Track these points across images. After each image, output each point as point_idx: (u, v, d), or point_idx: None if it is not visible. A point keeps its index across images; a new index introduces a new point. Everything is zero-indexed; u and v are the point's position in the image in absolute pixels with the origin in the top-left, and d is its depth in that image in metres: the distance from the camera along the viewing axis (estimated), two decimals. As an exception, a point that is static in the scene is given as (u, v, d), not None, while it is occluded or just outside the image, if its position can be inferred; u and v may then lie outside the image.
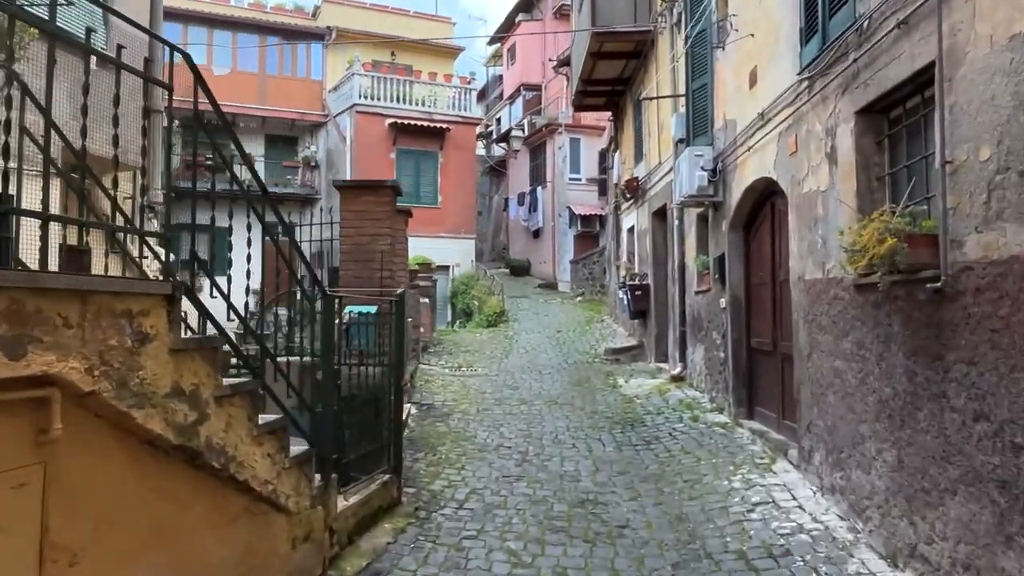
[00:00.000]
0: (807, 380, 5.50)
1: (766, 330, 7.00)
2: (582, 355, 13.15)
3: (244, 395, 3.26)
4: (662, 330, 11.98)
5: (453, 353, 13.79)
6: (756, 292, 7.39)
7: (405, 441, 7.07)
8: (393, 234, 7.12)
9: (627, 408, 8.75)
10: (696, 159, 7.89)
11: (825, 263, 5.12)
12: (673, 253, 10.68)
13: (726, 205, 7.83)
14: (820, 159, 5.21)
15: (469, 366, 12.32)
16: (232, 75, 22.55)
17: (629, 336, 14.23)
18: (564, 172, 26.15)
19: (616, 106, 15.64)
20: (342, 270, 6.82)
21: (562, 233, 25.72)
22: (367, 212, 6.84)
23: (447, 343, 14.89)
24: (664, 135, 11.22)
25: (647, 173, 12.56)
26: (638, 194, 13.11)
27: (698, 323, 9.18)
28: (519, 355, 13.45)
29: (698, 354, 9.25)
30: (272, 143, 24.09)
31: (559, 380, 10.78)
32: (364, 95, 21.69)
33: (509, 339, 15.54)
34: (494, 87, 37.21)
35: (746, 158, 7.07)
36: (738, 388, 7.60)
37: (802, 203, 5.59)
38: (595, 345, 14.00)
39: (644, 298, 12.45)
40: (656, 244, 12.17)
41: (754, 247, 7.46)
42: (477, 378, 11.02)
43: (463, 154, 23.01)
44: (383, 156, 21.83)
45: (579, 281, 22.32)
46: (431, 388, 9.98)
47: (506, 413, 8.65)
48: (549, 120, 26.86)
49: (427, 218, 22.22)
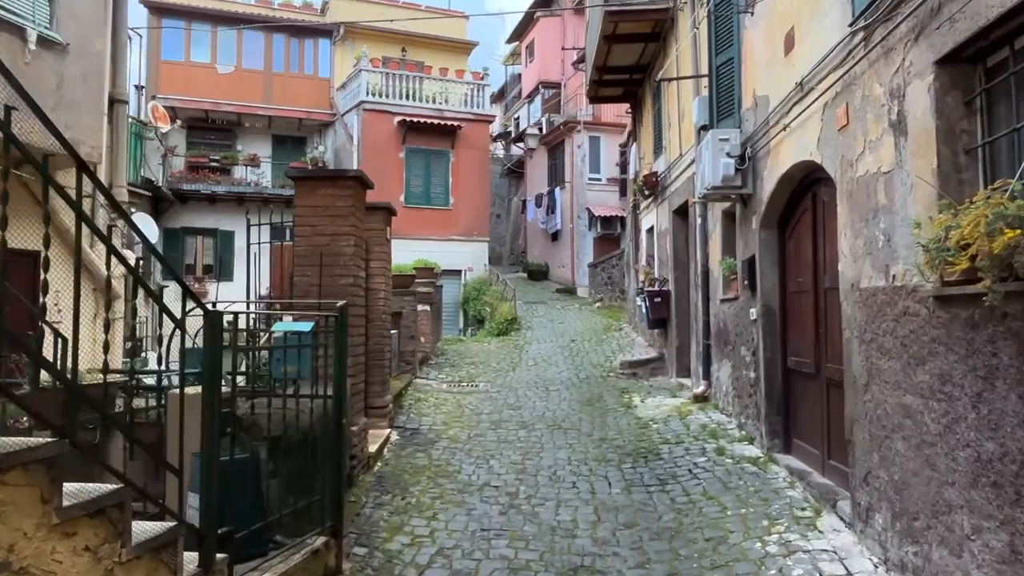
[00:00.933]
0: (864, 418, 4.28)
1: (806, 348, 5.77)
2: (596, 368, 11.95)
3: (30, 467, 2.18)
4: (684, 342, 10.75)
5: (455, 365, 12.69)
6: (793, 302, 6.16)
7: (373, 479, 5.96)
8: (360, 234, 6.03)
9: (641, 435, 7.56)
10: (720, 144, 6.68)
11: (890, 266, 3.91)
12: (696, 256, 9.46)
13: (756, 198, 6.62)
14: (881, 131, 4.00)
15: (470, 381, 11.20)
16: (237, 73, 21.78)
17: (648, 347, 13.00)
18: (583, 172, 24.98)
19: (634, 97, 14.44)
20: (296, 276, 5.76)
21: (581, 236, 24.54)
22: (326, 207, 5.77)
23: (450, 354, 13.79)
24: (685, 123, 10.01)
25: (667, 167, 11.35)
26: (657, 190, 11.90)
27: (724, 336, 7.96)
28: (527, 368, 12.29)
29: (724, 371, 8.02)
30: (279, 144, 23.26)
31: (567, 398, 9.60)
32: (372, 92, 20.75)
33: (519, 349, 14.40)
34: (512, 87, 36.17)
35: (781, 140, 5.86)
36: (771, 415, 6.37)
37: (856, 190, 4.38)
38: (611, 357, 12.79)
39: (664, 306, 11.23)
40: (677, 246, 10.95)
41: (791, 248, 6.23)
42: (476, 395, 9.89)
43: (476, 153, 21.94)
44: (392, 156, 20.86)
45: (597, 286, 21.11)
46: (420, 408, 8.88)
47: (501, 440, 7.50)
48: (567, 118, 25.72)
49: (438, 220, 21.24)
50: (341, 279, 5.77)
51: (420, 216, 20.95)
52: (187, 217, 22.00)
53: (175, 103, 20.89)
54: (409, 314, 10.98)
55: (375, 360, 7.47)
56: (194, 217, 22.06)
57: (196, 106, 21.24)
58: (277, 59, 22.26)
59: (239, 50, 21.84)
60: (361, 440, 5.88)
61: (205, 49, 21.57)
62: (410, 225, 20.77)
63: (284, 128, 23.08)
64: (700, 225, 8.97)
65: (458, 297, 21.14)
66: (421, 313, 12.83)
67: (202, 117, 21.84)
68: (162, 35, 21.13)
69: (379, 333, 7.50)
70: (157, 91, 20.88)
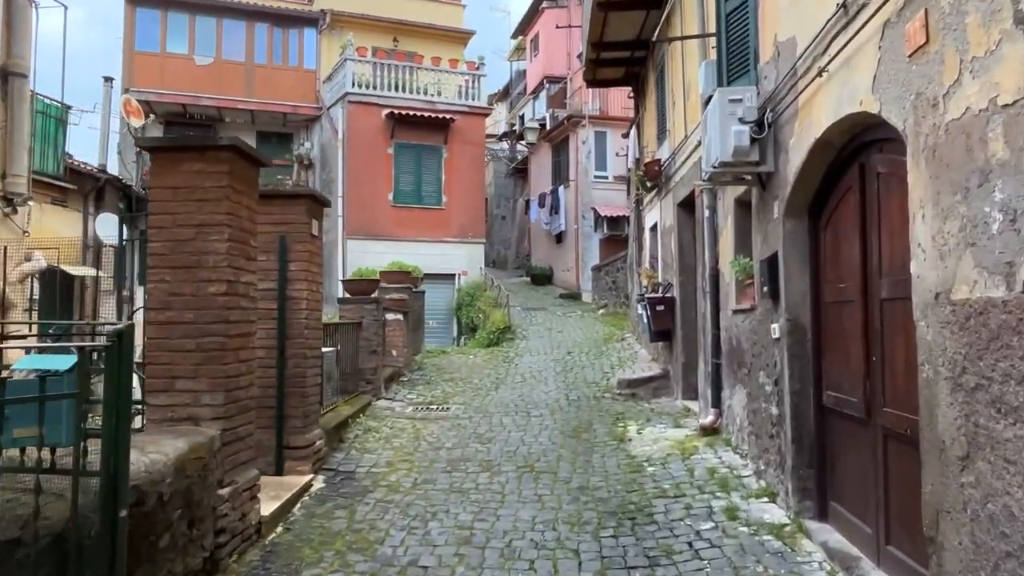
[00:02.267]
0: (962, 510, 2.66)
1: (850, 381, 4.14)
2: (590, 387, 10.33)
3: None
4: (691, 358, 9.11)
5: (431, 383, 11.12)
6: (831, 316, 4.53)
7: (257, 558, 4.40)
8: (243, 225, 4.48)
9: (632, 482, 5.94)
10: (731, 107, 5.06)
11: (1017, 265, 2.29)
12: (704, 256, 7.84)
13: (779, 177, 5.00)
14: (997, 37, 2.39)
15: (442, 402, 9.62)
16: (216, 65, 20.43)
17: (652, 361, 11.36)
18: (588, 169, 23.38)
19: (636, 80, 12.84)
20: (150, 283, 4.21)
21: (586, 237, 22.92)
22: (192, 189, 4.24)
23: (429, 369, 12.23)
24: (692, 99, 8.40)
25: (671, 153, 9.73)
26: (660, 181, 10.28)
27: (737, 356, 6.33)
28: (512, 386, 10.69)
29: (738, 400, 6.39)
30: (264, 140, 21.82)
31: (550, 427, 8.00)
32: (359, 83, 19.29)
33: (507, 363, 12.81)
34: (517, 84, 34.66)
35: (814, 93, 4.25)
36: (801, 468, 4.74)
37: (944, 144, 2.76)
38: (609, 373, 11.16)
39: (668, 315, 9.61)
40: (683, 244, 9.33)
41: (827, 242, 4.61)
42: (442, 423, 8.31)
43: (470, 148, 20.41)
44: (379, 151, 19.38)
45: (601, 291, 19.47)
46: (367, 442, 7.31)
47: (453, 489, 5.92)
48: (572, 112, 24.13)
49: (429, 221, 19.73)
50: (210, 286, 4.22)
51: (410, 216, 19.47)
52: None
53: (150, 97, 19.57)
54: (371, 325, 9.44)
55: (295, 387, 5.94)
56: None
57: (173, 100, 19.90)
58: (259, 50, 20.87)
59: (219, 40, 20.48)
60: (240, 504, 4.32)
61: (182, 39, 20.23)
62: (399, 226, 19.31)
63: (268, 124, 21.70)
64: (708, 218, 7.35)
65: (451, 303, 19.60)
66: (392, 323, 11.30)
67: (180, 112, 20.50)
68: (136, 25, 19.83)
69: (299, 353, 5.95)
70: (131, 84, 19.57)
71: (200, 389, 4.23)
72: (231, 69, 20.51)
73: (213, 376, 4.23)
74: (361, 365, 9.36)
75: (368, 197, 19.09)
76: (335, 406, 7.78)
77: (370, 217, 19.07)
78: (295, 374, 5.92)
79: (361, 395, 9.13)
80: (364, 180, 19.09)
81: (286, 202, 5.98)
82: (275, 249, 5.93)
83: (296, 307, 5.94)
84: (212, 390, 4.23)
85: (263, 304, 5.94)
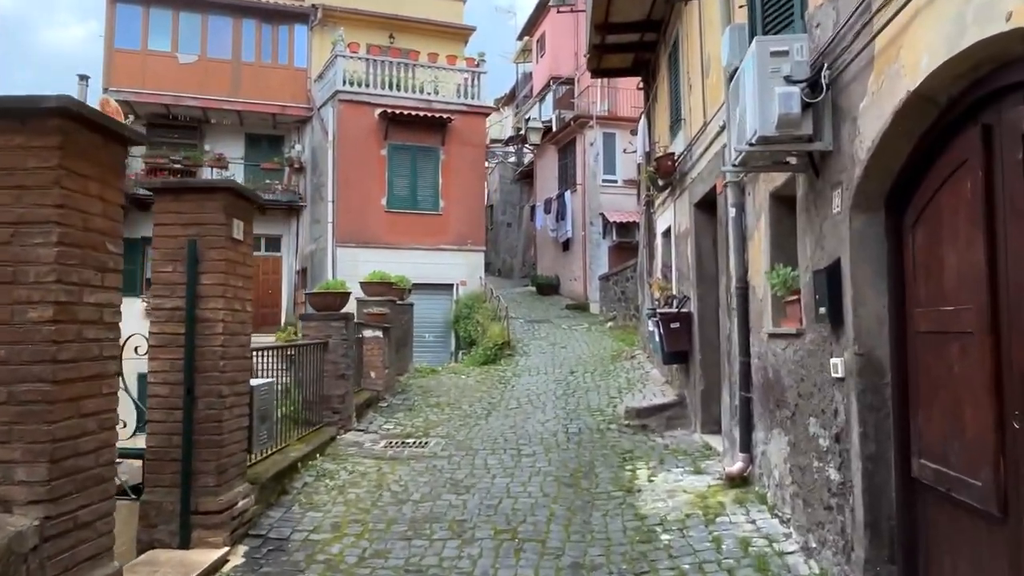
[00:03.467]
0: None
1: (969, 452, 2.78)
2: (594, 416, 8.96)
3: None
4: (712, 385, 7.74)
5: (413, 409, 9.78)
6: (929, 351, 3.16)
7: None
8: (92, 224, 3.18)
9: (642, 559, 4.57)
10: (774, 63, 3.71)
11: None
12: (728, 264, 6.49)
13: (842, 156, 3.64)
14: None
15: (421, 435, 8.28)
16: (201, 63, 19.30)
17: (665, 384, 9.98)
18: (597, 173, 22.08)
19: (646, 68, 11.51)
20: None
21: (594, 244, 21.60)
22: (8, 173, 2.98)
23: (414, 391, 10.89)
24: (713, 78, 7.09)
25: (686, 146, 8.39)
26: (674, 179, 8.93)
27: (776, 391, 4.96)
28: (505, 413, 9.34)
29: (776, 447, 5.02)
30: (253, 143, 20.75)
31: (543, 470, 6.64)
32: (350, 80, 18.08)
33: (503, 384, 11.47)
34: (523, 87, 33.45)
35: (906, 25, 2.90)
36: (878, 561, 3.36)
37: None
38: (616, 398, 9.79)
39: (684, 333, 8.24)
40: (701, 251, 7.97)
41: (918, 245, 3.24)
42: (416, 463, 6.97)
43: (470, 150, 19.13)
44: (372, 153, 18.15)
45: (610, 302, 18.10)
46: (318, 492, 5.97)
47: (410, 569, 4.57)
48: (579, 113, 22.84)
49: (426, 227, 18.45)
50: (31, 310, 2.92)
51: (405, 222, 18.20)
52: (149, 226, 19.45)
53: (130, 97, 18.45)
54: (338, 345, 8.13)
55: (207, 435, 4.62)
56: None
57: (155, 100, 18.79)
58: (247, 47, 19.73)
59: (204, 37, 19.36)
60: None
61: (165, 36, 19.12)
62: (393, 233, 18.05)
63: (258, 126, 20.54)
64: (734, 219, 5.99)
65: (449, 315, 18.29)
66: (370, 341, 9.99)
67: (163, 113, 19.39)
68: (116, 21, 18.75)
69: (214, 391, 4.63)
70: (110, 83, 18.47)
71: (13, 459, 2.92)
72: (217, 68, 19.38)
73: (32, 440, 2.93)
74: (327, 392, 8.06)
75: (360, 202, 17.84)
76: (285, 446, 6.47)
77: (362, 224, 17.82)
78: (207, 417, 4.61)
79: (325, 428, 7.82)
80: (355, 184, 17.85)
81: (198, 197, 4.68)
82: (184, 258, 4.63)
83: (210, 331, 4.63)
84: (30, 460, 2.92)
85: (169, 328, 4.67)
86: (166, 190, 4.72)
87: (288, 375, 8.69)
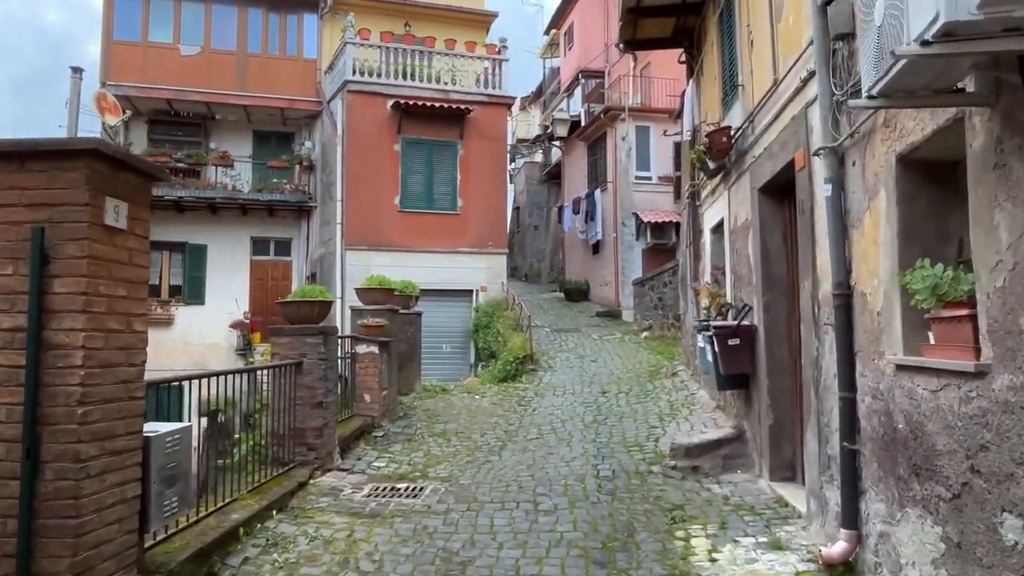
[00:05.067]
0: None
1: None
2: (631, 452, 7.30)
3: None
4: (784, 418, 6.05)
5: (413, 439, 8.21)
6: None
7: None
8: None
9: None
10: None
11: None
12: (814, 263, 4.81)
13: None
14: None
15: (418, 477, 6.70)
16: (205, 55, 18.11)
17: (717, 409, 8.27)
18: (629, 169, 20.39)
19: (690, 36, 9.82)
20: None
21: (627, 247, 19.91)
22: None
23: (418, 416, 9.32)
24: (789, 20, 5.43)
25: (746, 117, 6.71)
26: (728, 160, 7.24)
27: (910, 449, 3.28)
28: (522, 446, 7.73)
29: (913, 534, 3.32)
30: (262, 141, 19.50)
31: (566, 539, 5.01)
32: (360, 70, 16.69)
33: (523, 406, 9.86)
34: (550, 82, 31.88)
35: None
36: None
37: None
38: (657, 427, 8.10)
39: (745, 351, 6.53)
40: (768, 248, 6.28)
41: None
42: (402, 524, 5.38)
43: (490, 144, 17.58)
44: (385, 148, 16.71)
45: (645, 310, 16.38)
46: (259, 571, 4.41)
47: None
48: (609, 104, 21.19)
49: (442, 228, 16.94)
50: None
51: (420, 223, 16.72)
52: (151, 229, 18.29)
53: (130, 91, 17.31)
54: (314, 366, 6.59)
55: (57, 517, 3.09)
56: (159, 229, 18.09)
57: (156, 94, 17.61)
58: (253, 38, 18.47)
59: (207, 27, 18.16)
60: None
61: (166, 27, 17.95)
62: (407, 235, 16.58)
63: (266, 122, 19.28)
64: (830, 199, 4.29)
65: (468, 324, 16.74)
66: (364, 358, 8.46)
67: (165, 109, 18.21)
68: (114, 11, 17.62)
69: (69, 453, 3.09)
70: (109, 77, 17.33)
71: None
72: (221, 60, 18.15)
73: None
74: (300, 424, 6.54)
75: (371, 201, 16.41)
76: (226, 504, 4.94)
77: (373, 225, 16.38)
78: (57, 492, 3.08)
79: (295, 470, 6.29)
80: (366, 182, 16.43)
81: (48, 167, 3.16)
82: (27, 255, 3.12)
83: (64, 363, 3.11)
84: None
85: (5, 359, 3.16)
86: (4, 155, 3.20)
87: (252, 404, 7.19)
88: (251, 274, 19.09)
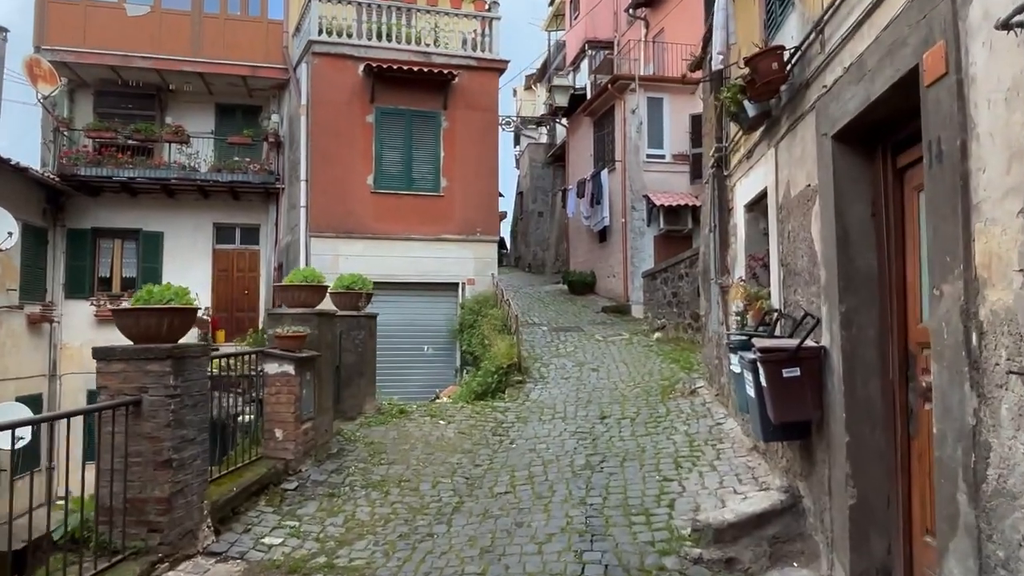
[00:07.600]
0: None
1: None
2: (635, 529, 5.03)
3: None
4: (872, 493, 3.78)
5: (338, 493, 5.99)
6: None
7: None
8: None
9: None
10: None
11: None
12: (969, 251, 2.52)
13: None
14: None
15: (321, 569, 4.50)
16: (155, 15, 15.88)
17: (753, 451, 5.98)
18: (640, 147, 18.02)
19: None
20: None
21: (637, 233, 17.60)
22: None
23: (358, 452, 7.08)
24: None
25: (811, 31, 4.38)
26: (779, 99, 4.91)
27: None
28: (482, 509, 5.48)
29: None
30: (226, 114, 17.30)
31: None
32: (328, 29, 14.42)
33: (499, 437, 7.63)
34: (555, 57, 29.46)
35: None
36: None
37: None
38: (673, 480, 5.83)
39: (808, 386, 4.24)
40: (848, 229, 3.97)
41: None
42: None
43: (479, 115, 15.26)
44: (356, 120, 14.45)
45: (657, 306, 14.07)
46: None
47: None
48: (618, 74, 18.80)
49: (423, 212, 14.68)
50: None
51: (397, 207, 14.47)
52: (100, 214, 16.20)
53: (68, 57, 15.11)
54: (159, 407, 4.39)
55: None
56: (110, 214, 16.26)
57: (98, 60, 15.39)
58: (211, -4, 16.24)
59: (158, -16, 15.94)
60: None
61: (111, -17, 15.74)
62: (382, 219, 14.34)
63: (229, 94, 17.06)
64: None
65: (453, 323, 14.51)
66: (275, 380, 6.24)
67: (112, 78, 16.04)
68: (50, -35, 15.43)
69: None
70: (43, 42, 15.15)
71: None
72: (174, 20, 15.91)
73: None
74: (136, 493, 4.34)
75: (339, 182, 14.19)
76: None
77: (342, 208, 14.17)
78: None
79: (120, 567, 4.10)
80: (334, 159, 14.21)
81: None
82: None
83: None
84: None
85: None
86: None
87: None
88: (214, 265, 16.94)
